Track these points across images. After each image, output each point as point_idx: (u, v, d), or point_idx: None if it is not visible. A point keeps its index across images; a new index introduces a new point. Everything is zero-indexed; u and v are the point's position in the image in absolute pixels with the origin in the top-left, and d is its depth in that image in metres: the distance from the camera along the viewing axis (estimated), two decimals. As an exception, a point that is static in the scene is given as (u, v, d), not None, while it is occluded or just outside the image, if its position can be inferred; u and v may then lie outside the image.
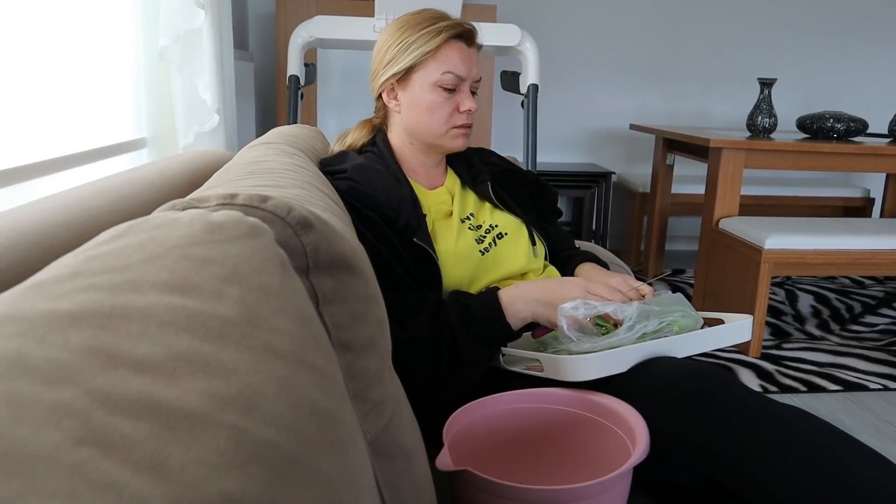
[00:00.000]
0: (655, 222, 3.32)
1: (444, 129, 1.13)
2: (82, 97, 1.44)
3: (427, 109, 1.12)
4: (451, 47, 1.10)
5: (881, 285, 3.35)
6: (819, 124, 2.72)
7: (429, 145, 1.16)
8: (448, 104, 1.12)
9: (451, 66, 1.10)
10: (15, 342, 0.30)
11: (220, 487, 0.28)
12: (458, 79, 1.11)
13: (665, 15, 3.84)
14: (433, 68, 1.10)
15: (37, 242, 0.56)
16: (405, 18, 1.13)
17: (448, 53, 1.10)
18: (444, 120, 1.12)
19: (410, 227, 1.05)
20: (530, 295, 1.00)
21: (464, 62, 1.11)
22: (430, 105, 1.12)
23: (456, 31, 1.10)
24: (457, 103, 1.13)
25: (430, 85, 1.11)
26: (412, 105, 1.13)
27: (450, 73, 1.10)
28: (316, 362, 0.42)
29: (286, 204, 0.51)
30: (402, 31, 1.11)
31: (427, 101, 1.12)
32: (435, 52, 1.10)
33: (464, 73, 1.11)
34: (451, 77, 1.10)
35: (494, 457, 0.89)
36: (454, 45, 1.11)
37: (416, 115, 1.13)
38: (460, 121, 1.14)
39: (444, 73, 1.10)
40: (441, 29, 1.09)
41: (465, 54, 1.12)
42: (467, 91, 1.13)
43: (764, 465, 0.77)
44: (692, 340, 0.95)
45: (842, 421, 1.98)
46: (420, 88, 1.12)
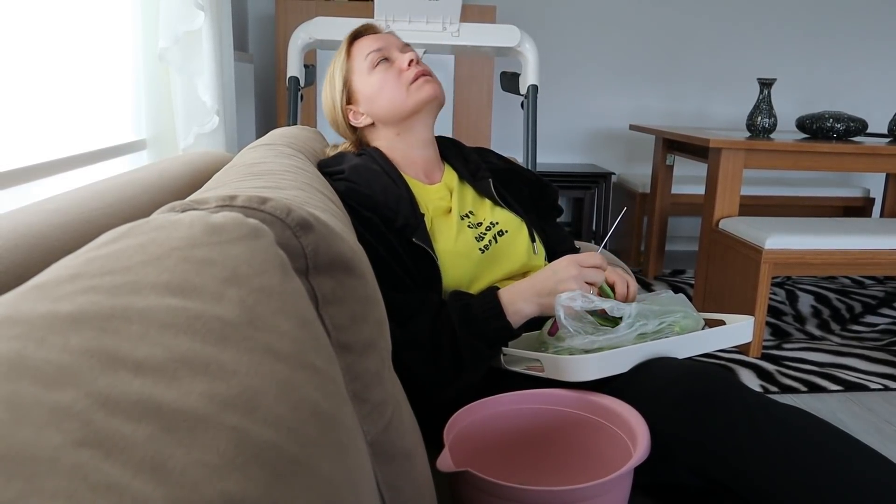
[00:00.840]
0: (655, 223, 3.32)
1: (404, 90, 1.16)
2: (82, 99, 1.44)
3: (380, 90, 1.17)
4: (358, 43, 1.21)
5: (881, 285, 3.34)
6: (819, 124, 2.72)
7: (411, 122, 1.18)
8: (390, 72, 1.17)
9: (367, 51, 1.18)
10: (15, 344, 0.30)
11: (221, 489, 0.28)
12: (380, 52, 1.18)
13: (665, 15, 3.84)
14: (357, 63, 1.19)
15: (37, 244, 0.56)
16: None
17: (359, 47, 1.20)
18: (397, 84, 1.16)
19: (409, 226, 1.05)
20: (529, 291, 1.00)
21: (375, 42, 1.19)
22: (379, 85, 1.17)
23: (356, 32, 1.22)
24: (397, 67, 1.17)
25: (366, 74, 1.18)
26: (370, 101, 1.19)
27: (370, 54, 1.18)
28: (316, 364, 0.42)
29: (285, 205, 0.51)
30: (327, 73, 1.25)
31: (374, 85, 1.17)
32: (349, 56, 1.20)
33: (381, 46, 1.19)
34: (374, 54, 1.18)
35: (495, 458, 0.89)
36: (360, 41, 1.21)
37: (378, 102, 1.18)
38: (411, 74, 1.17)
39: (366, 57, 1.18)
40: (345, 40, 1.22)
41: (372, 39, 1.20)
42: (400, 54, 1.19)
43: (765, 465, 0.77)
44: (693, 341, 0.95)
45: (842, 421, 1.98)
46: (363, 85, 1.18)
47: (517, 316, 1.00)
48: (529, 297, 1.00)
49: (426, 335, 0.98)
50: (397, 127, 1.18)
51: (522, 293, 1.01)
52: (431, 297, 1.03)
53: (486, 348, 0.99)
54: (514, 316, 1.00)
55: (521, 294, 1.01)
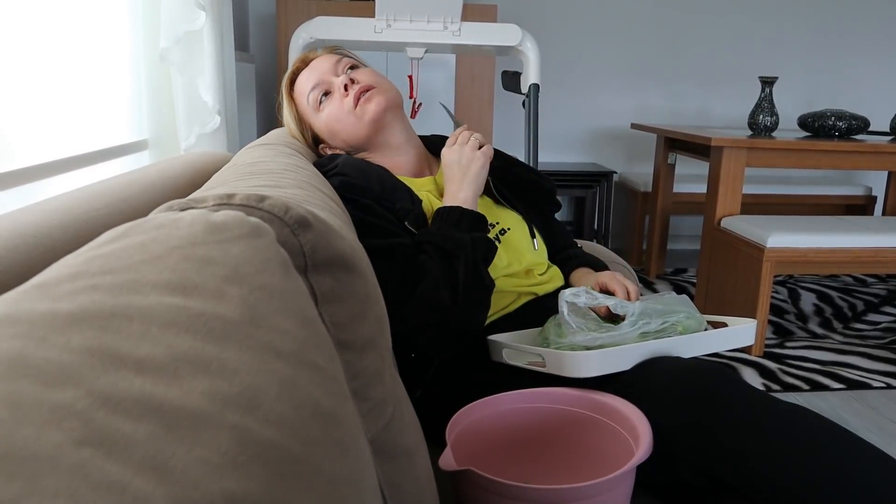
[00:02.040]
0: (657, 221, 3.32)
1: (353, 117, 1.16)
2: (83, 100, 1.44)
3: (334, 124, 1.17)
4: (296, 86, 1.22)
5: (884, 283, 3.34)
6: (820, 122, 2.72)
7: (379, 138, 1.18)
8: (334, 104, 1.17)
9: (305, 91, 1.19)
10: (16, 343, 0.30)
11: (223, 487, 0.28)
12: (317, 88, 1.18)
13: (666, 13, 3.84)
14: (303, 106, 1.20)
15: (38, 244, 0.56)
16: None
17: (298, 89, 1.21)
18: (344, 115, 1.16)
19: (404, 209, 1.06)
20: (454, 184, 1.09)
21: (309, 79, 1.19)
22: (335, 118, 1.17)
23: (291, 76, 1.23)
24: (338, 96, 1.17)
25: (314, 111, 1.19)
26: (332, 136, 1.20)
27: (308, 94, 1.19)
28: (318, 362, 0.42)
29: (283, 203, 0.51)
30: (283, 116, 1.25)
31: (329, 119, 1.18)
32: (291, 100, 1.22)
33: (315, 82, 1.18)
34: (313, 94, 1.18)
35: (497, 456, 0.89)
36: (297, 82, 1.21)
37: (338, 135, 1.19)
38: (351, 100, 1.16)
39: (308, 94, 1.19)
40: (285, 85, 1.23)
41: (306, 76, 1.20)
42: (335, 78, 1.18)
43: (768, 463, 0.77)
44: (695, 342, 0.95)
45: (845, 419, 1.97)
46: (318, 123, 1.20)
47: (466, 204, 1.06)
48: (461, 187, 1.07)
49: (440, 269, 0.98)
50: (369, 146, 1.19)
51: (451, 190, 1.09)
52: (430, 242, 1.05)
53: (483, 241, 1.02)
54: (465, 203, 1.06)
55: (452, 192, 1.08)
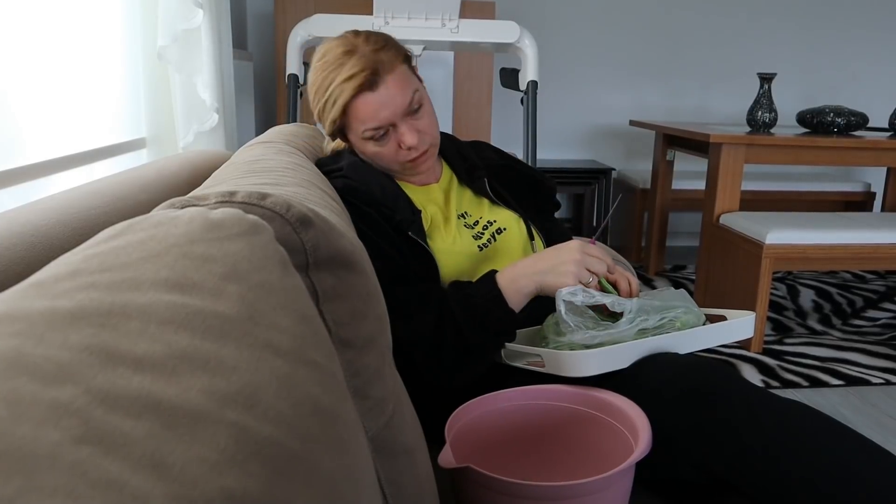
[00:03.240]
0: (656, 218, 3.32)
1: (398, 167, 1.11)
2: (81, 98, 1.44)
3: (371, 157, 1.10)
4: (357, 104, 1.03)
5: (882, 279, 3.34)
6: (819, 119, 2.72)
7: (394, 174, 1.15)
8: (388, 148, 1.08)
9: (365, 124, 1.04)
10: (14, 341, 0.30)
11: (221, 485, 0.28)
12: (381, 128, 1.05)
13: (664, 10, 3.84)
14: (353, 128, 1.07)
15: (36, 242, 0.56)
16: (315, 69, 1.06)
17: (357, 112, 1.04)
18: (392, 160, 1.10)
19: (405, 221, 1.05)
20: (530, 267, 0.99)
21: (377, 111, 1.03)
22: (372, 154, 1.09)
23: (352, 89, 1.01)
24: (398, 141, 1.07)
25: (360, 139, 1.08)
26: (360, 153, 1.12)
27: (368, 129, 1.05)
28: (316, 359, 0.42)
29: (285, 201, 0.51)
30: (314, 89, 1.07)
31: (368, 151, 1.09)
32: (343, 116, 1.05)
33: (384, 121, 1.04)
34: (372, 131, 1.05)
35: (497, 453, 0.89)
36: (358, 101, 1.03)
37: (375, 161, 1.11)
38: (409, 156, 1.09)
39: (364, 130, 1.05)
40: (337, 91, 1.02)
41: (374, 104, 1.03)
42: (403, 126, 1.06)
43: (766, 460, 0.77)
44: (694, 337, 0.95)
45: (844, 415, 1.98)
46: (356, 142, 1.10)
47: (518, 295, 0.99)
48: (530, 273, 0.99)
49: (430, 331, 0.98)
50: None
51: (523, 269, 1.00)
52: (433, 291, 1.02)
53: (492, 340, 0.99)
54: (515, 295, 0.99)
55: (522, 270, 1.00)
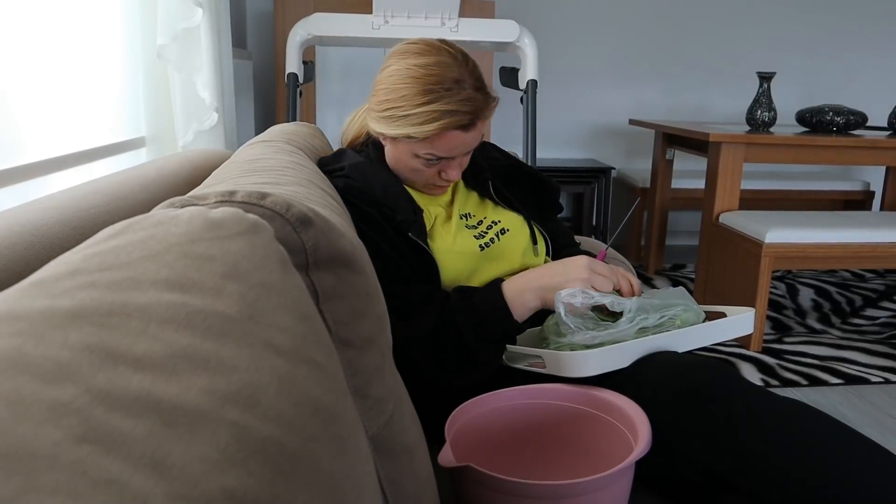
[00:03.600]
0: (656, 217, 3.32)
1: (421, 185, 1.12)
2: (81, 97, 1.44)
3: (409, 170, 1.08)
4: (442, 137, 1.00)
5: (882, 278, 3.34)
6: (818, 118, 2.72)
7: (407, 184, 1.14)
8: (430, 171, 1.07)
9: (438, 151, 1.02)
10: (15, 340, 0.30)
11: (222, 484, 0.28)
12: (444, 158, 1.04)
13: (664, 9, 3.83)
14: (418, 147, 1.03)
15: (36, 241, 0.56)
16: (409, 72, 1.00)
17: (437, 142, 1.01)
18: (423, 180, 1.10)
19: (406, 221, 1.05)
20: (536, 283, 1.00)
21: (454, 149, 1.02)
22: (412, 168, 1.07)
23: (454, 124, 0.98)
24: (441, 169, 1.07)
25: (413, 154, 1.05)
26: (396, 158, 1.09)
27: (433, 154, 1.03)
28: (317, 359, 0.42)
29: (285, 201, 0.51)
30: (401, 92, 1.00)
31: (409, 164, 1.07)
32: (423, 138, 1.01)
33: (451, 154, 1.04)
34: (435, 158, 1.04)
35: (497, 453, 0.89)
36: (448, 135, 1.00)
37: (397, 166, 1.10)
38: (440, 183, 1.10)
39: (427, 153, 1.03)
40: (437, 115, 0.97)
41: (458, 141, 1.01)
42: (456, 161, 1.06)
43: (766, 459, 0.77)
44: (694, 334, 0.95)
45: (843, 414, 1.98)
46: (404, 152, 1.06)
47: (523, 308, 1.00)
48: (535, 287, 0.99)
49: (430, 334, 0.98)
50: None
51: (529, 284, 1.00)
52: (435, 293, 1.03)
53: (494, 349, 1.00)
54: (521, 308, 1.00)
55: (529, 284, 1.00)
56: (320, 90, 3.22)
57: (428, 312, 0.99)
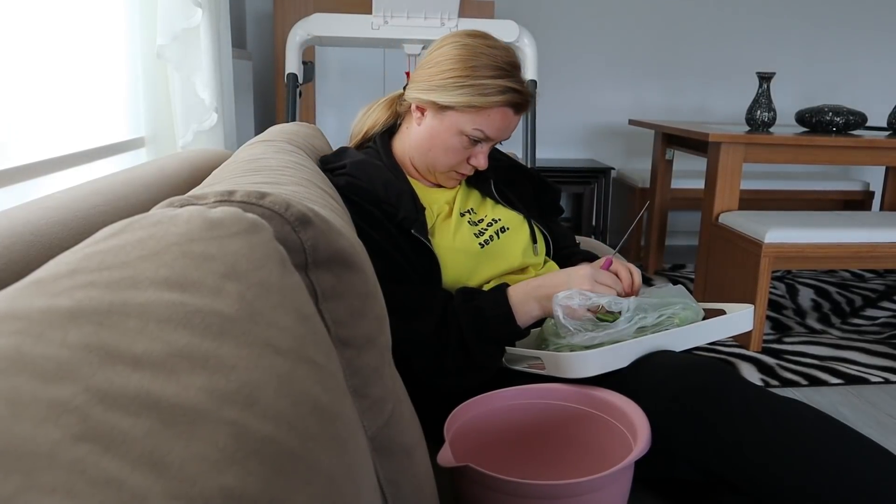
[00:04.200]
0: (655, 217, 3.32)
1: (447, 169, 1.13)
2: (80, 97, 1.44)
3: (442, 148, 1.11)
4: (498, 112, 1.07)
5: (881, 278, 3.34)
6: (818, 118, 2.72)
7: (424, 170, 1.16)
8: (464, 153, 1.11)
9: (487, 128, 1.08)
10: (14, 339, 0.30)
11: (220, 483, 0.28)
12: (485, 139, 1.10)
13: (663, 9, 3.84)
14: (469, 120, 1.07)
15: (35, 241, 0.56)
16: (479, 49, 1.07)
17: (493, 116, 1.07)
18: (452, 164, 1.12)
19: (408, 219, 1.05)
20: (541, 291, 1.00)
21: (502, 129, 1.09)
22: (448, 147, 1.10)
23: (514, 101, 1.06)
24: (471, 154, 1.11)
25: (458, 130, 1.08)
26: (432, 135, 1.11)
27: (480, 131, 1.08)
28: (316, 358, 0.42)
29: (284, 200, 0.51)
30: (471, 63, 1.06)
31: (447, 142, 1.10)
32: (481, 108, 1.06)
33: (495, 137, 1.10)
34: (480, 135, 1.08)
35: (496, 453, 0.89)
36: (503, 112, 1.07)
37: (430, 144, 1.11)
38: (465, 170, 1.13)
39: (476, 129, 1.07)
40: (503, 90, 1.05)
41: (507, 122, 1.09)
42: (487, 148, 1.12)
43: (766, 459, 0.77)
44: (694, 332, 0.95)
45: (843, 414, 1.98)
46: (447, 128, 1.09)
47: (526, 316, 1.00)
48: (539, 297, 1.00)
49: (430, 334, 0.98)
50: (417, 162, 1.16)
51: (534, 291, 1.01)
52: (436, 294, 1.02)
53: (495, 351, 1.00)
54: (524, 316, 1.00)
55: (533, 292, 1.01)
56: (320, 90, 3.22)
57: (428, 313, 0.99)
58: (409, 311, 0.98)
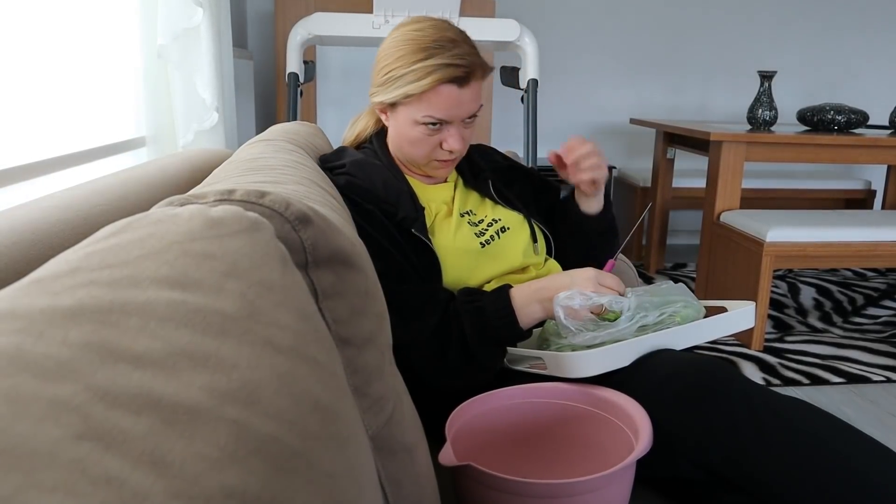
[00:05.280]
0: (656, 216, 3.32)
1: (426, 160, 1.11)
2: (81, 96, 1.44)
3: (409, 142, 1.09)
4: (438, 92, 1.02)
5: (883, 277, 3.34)
6: (819, 116, 2.71)
7: (411, 165, 1.15)
8: (431, 140, 1.08)
9: (433, 112, 1.03)
10: (14, 338, 0.30)
11: (221, 482, 0.28)
12: (441, 121, 1.05)
13: (664, 8, 3.83)
14: (416, 109, 1.04)
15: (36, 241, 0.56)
16: (405, 36, 1.05)
17: (433, 99, 1.02)
18: (426, 153, 1.10)
19: (408, 218, 1.05)
20: (544, 294, 1.00)
21: (451, 107, 1.03)
22: (412, 139, 1.08)
23: (448, 76, 1.01)
24: (441, 139, 1.08)
25: (413, 122, 1.06)
26: (398, 132, 1.10)
27: (431, 116, 1.04)
28: (317, 357, 0.42)
29: (284, 199, 0.51)
30: (397, 55, 1.04)
31: (409, 134, 1.08)
32: (420, 95, 1.03)
33: (448, 116, 1.04)
34: (432, 120, 1.04)
35: (497, 452, 0.89)
36: (443, 90, 1.02)
37: (400, 141, 1.11)
38: (443, 156, 1.10)
39: (426, 115, 1.04)
40: (432, 69, 1.00)
41: (454, 99, 1.03)
42: (455, 129, 1.07)
43: (767, 457, 0.77)
44: (695, 330, 0.95)
45: (845, 413, 1.98)
46: (404, 121, 1.07)
47: (528, 318, 1.00)
48: (542, 299, 0.99)
49: (431, 334, 0.97)
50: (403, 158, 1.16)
51: (537, 293, 1.00)
52: (437, 293, 1.02)
53: (496, 352, 1.00)
54: (526, 318, 1.00)
55: (536, 294, 1.00)
56: (321, 90, 3.22)
57: (429, 312, 0.99)
58: (410, 311, 0.98)
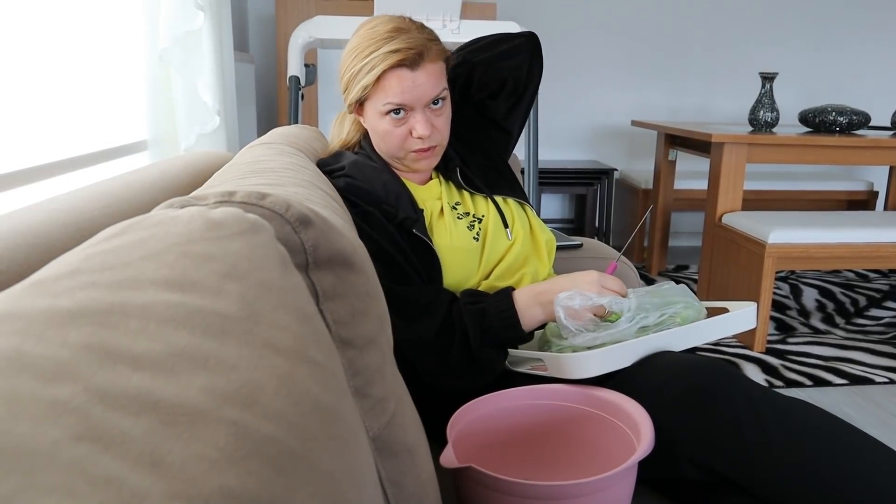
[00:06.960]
0: (658, 218, 3.31)
1: (402, 153, 1.11)
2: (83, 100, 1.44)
3: (380, 136, 1.10)
4: (390, 77, 1.04)
5: (886, 278, 3.33)
6: (821, 118, 2.71)
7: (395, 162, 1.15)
8: (400, 131, 1.08)
9: (391, 98, 1.05)
10: (14, 339, 0.30)
11: (221, 483, 0.28)
12: (403, 106, 1.06)
13: (666, 10, 3.83)
14: (375, 99, 1.07)
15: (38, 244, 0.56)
16: (361, 37, 1.08)
17: (386, 84, 1.04)
18: (399, 145, 1.10)
19: (409, 219, 1.05)
20: (544, 297, 1.00)
21: (406, 91, 1.04)
22: (382, 133, 1.09)
23: (394, 61, 1.02)
24: (410, 127, 1.08)
25: (378, 114, 1.08)
26: (371, 129, 1.12)
27: (391, 103, 1.05)
28: (317, 358, 0.42)
29: (284, 201, 0.51)
30: (353, 55, 1.07)
31: (379, 128, 1.09)
32: (375, 84, 1.05)
33: (405, 102, 1.05)
34: (392, 106, 1.06)
35: (499, 453, 0.89)
36: (394, 75, 1.04)
37: (376, 138, 1.12)
38: (416, 145, 1.09)
39: (385, 104, 1.06)
40: (382, 58, 1.03)
41: (408, 82, 1.04)
42: (420, 114, 1.07)
43: (769, 458, 0.77)
44: (696, 331, 0.94)
45: (848, 414, 1.97)
46: (372, 116, 1.09)
47: (531, 321, 1.00)
48: (545, 302, 0.99)
49: (434, 335, 0.97)
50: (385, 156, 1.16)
51: (540, 296, 1.00)
52: (439, 294, 1.02)
53: (498, 354, 1.00)
54: (529, 321, 1.00)
55: (539, 297, 1.00)
56: (322, 93, 3.23)
57: (431, 314, 0.99)
58: (412, 312, 0.98)
